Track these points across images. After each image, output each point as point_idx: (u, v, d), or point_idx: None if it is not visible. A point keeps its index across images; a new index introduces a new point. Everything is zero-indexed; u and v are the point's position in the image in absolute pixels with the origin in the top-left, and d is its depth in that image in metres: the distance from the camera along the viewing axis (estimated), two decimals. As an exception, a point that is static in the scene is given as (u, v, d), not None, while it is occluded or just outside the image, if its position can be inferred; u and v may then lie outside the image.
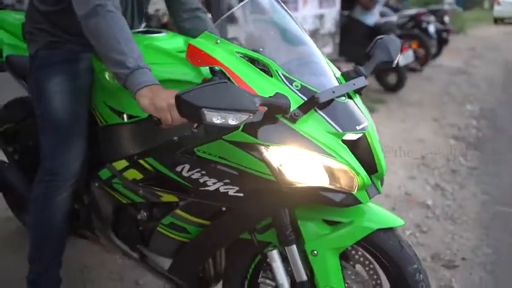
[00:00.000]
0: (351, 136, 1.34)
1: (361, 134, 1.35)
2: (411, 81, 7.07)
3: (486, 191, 3.54)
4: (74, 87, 1.72)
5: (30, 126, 2.08)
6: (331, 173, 1.31)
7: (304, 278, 1.47)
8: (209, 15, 2.05)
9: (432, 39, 8.29)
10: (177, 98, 1.12)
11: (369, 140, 1.37)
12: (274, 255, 1.50)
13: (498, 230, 2.97)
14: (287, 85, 1.34)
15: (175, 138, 1.47)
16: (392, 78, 6.52)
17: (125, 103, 1.60)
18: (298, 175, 1.31)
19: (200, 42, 1.37)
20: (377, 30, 6.55)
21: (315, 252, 1.44)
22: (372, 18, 6.60)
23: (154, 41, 1.66)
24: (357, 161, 1.32)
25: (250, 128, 1.29)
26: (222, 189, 1.42)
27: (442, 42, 8.88)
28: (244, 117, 1.16)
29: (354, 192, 1.33)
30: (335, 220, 1.44)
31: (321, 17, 5.95)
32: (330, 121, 1.33)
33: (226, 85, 1.15)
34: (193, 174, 1.45)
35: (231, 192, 1.42)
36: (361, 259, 1.53)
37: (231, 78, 1.32)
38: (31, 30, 1.77)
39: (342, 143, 1.32)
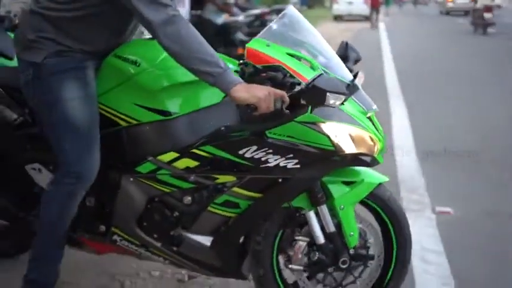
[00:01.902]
0: (368, 114, 1.84)
1: (372, 113, 1.86)
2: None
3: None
4: (86, 93, 1.84)
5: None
6: (366, 141, 1.78)
7: (333, 229, 1.90)
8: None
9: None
10: (310, 84, 1.57)
11: (373, 118, 1.87)
12: (311, 215, 1.89)
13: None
14: None
15: (223, 128, 1.77)
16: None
17: (166, 102, 1.82)
18: (349, 144, 1.75)
19: (257, 46, 1.74)
20: (226, 28, 7.06)
21: (342, 206, 1.87)
22: (222, 17, 7.08)
23: None
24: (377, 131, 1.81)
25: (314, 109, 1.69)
26: (282, 164, 1.76)
27: (285, 39, 9.68)
28: (343, 98, 1.62)
29: (375, 155, 1.81)
30: (350, 180, 1.89)
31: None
32: (359, 103, 1.81)
33: (325, 75, 1.61)
34: (257, 154, 1.75)
35: (289, 165, 1.76)
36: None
37: (290, 72, 1.70)
38: (35, 39, 1.80)
39: (367, 119, 1.81)
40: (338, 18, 23.38)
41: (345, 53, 1.99)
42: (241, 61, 1.85)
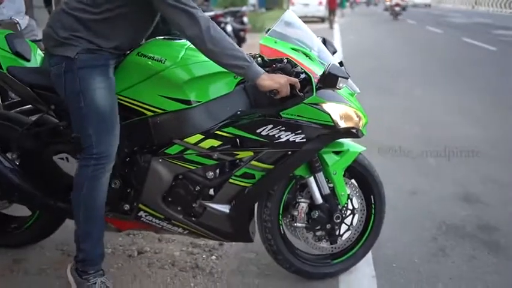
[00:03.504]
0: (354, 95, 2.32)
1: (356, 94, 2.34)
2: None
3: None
4: (108, 85, 2.11)
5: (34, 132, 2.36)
6: (355, 117, 2.23)
7: (328, 191, 2.36)
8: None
9: (230, 38, 9.26)
10: (327, 72, 2.00)
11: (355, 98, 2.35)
12: (311, 180, 2.33)
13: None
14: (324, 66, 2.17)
15: (239, 111, 2.15)
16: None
17: (188, 93, 2.15)
18: (344, 120, 2.19)
19: (267, 43, 2.16)
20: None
21: (335, 172, 2.33)
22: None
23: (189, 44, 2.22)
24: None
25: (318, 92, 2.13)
26: (291, 139, 2.16)
27: (240, 40, 10.06)
28: (346, 81, 2.05)
29: (361, 128, 2.26)
30: (338, 150, 2.34)
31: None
32: (348, 86, 2.24)
33: (335, 64, 2.05)
34: (271, 131, 2.14)
35: (297, 140, 2.16)
36: None
37: (296, 63, 2.12)
38: (68, 36, 2.05)
39: (354, 98, 2.28)
40: (295, 19, 23.83)
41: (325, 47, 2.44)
42: (251, 54, 2.23)
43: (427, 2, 50.74)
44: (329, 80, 2.04)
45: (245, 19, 11.16)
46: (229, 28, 9.55)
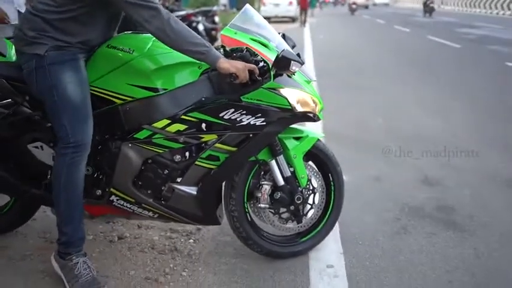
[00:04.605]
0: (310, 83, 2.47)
1: (313, 82, 2.49)
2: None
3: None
4: (79, 78, 2.21)
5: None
6: (311, 102, 2.37)
7: (289, 174, 2.50)
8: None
9: (202, 37, 9.37)
10: (280, 55, 2.11)
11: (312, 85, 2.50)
12: (273, 163, 2.47)
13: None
14: None
15: (203, 98, 2.27)
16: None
17: (155, 81, 2.26)
18: (301, 104, 2.32)
19: (228, 33, 2.32)
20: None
21: (295, 156, 2.47)
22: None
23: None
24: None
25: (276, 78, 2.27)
26: (252, 122, 2.29)
27: (212, 38, 10.19)
28: (300, 66, 2.18)
29: (317, 113, 2.41)
30: (297, 136, 2.50)
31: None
32: (304, 74, 2.40)
33: (289, 49, 2.20)
34: (233, 115, 2.27)
35: (258, 123, 2.30)
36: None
37: (254, 52, 2.25)
38: (36, 36, 2.15)
39: (310, 85, 2.42)
40: (266, 19, 24.05)
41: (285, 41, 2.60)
42: (214, 46, 2.35)
43: (386, 1, 61.11)
44: (282, 63, 2.16)
45: (216, 18, 11.28)
46: (201, 27, 9.68)
